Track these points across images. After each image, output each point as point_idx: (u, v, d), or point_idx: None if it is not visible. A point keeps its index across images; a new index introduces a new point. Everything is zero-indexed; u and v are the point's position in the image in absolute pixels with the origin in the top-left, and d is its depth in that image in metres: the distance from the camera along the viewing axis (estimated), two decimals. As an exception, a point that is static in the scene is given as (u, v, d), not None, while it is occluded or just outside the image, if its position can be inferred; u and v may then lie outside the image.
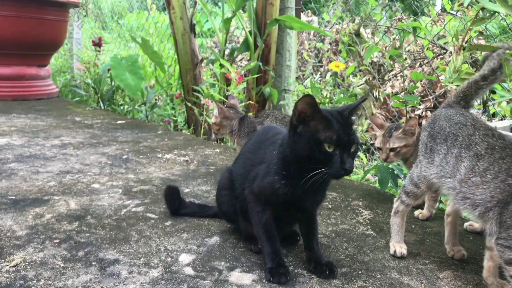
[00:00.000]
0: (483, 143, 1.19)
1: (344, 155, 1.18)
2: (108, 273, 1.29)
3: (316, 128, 1.20)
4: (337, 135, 1.18)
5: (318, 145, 1.18)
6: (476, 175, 1.17)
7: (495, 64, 1.30)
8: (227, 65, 3.32)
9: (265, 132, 1.50)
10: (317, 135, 1.19)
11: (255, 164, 1.40)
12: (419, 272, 1.36)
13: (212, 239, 1.53)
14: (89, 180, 2.10)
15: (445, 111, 1.37)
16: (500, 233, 1.11)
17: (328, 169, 1.18)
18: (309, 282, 1.29)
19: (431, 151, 1.34)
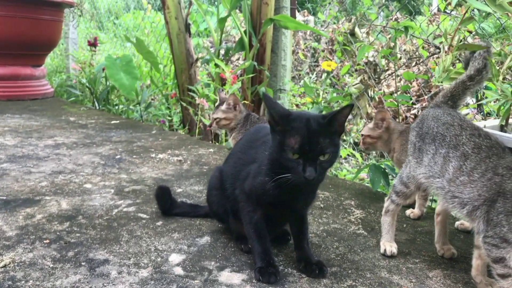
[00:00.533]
0: (470, 142, 1.21)
1: (307, 163, 1.16)
2: (98, 273, 1.29)
3: (284, 133, 1.19)
4: (300, 143, 1.16)
5: (283, 151, 1.18)
6: (464, 174, 1.18)
7: (480, 64, 1.31)
8: (221, 65, 3.31)
9: (257, 132, 1.50)
10: (283, 141, 1.18)
11: (247, 164, 1.40)
12: (409, 271, 1.36)
13: (203, 239, 1.53)
14: (82, 180, 2.09)
15: (433, 111, 1.37)
16: (487, 231, 1.11)
17: (291, 175, 1.18)
18: (298, 281, 1.29)
19: (420, 151, 1.35)
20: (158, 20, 5.94)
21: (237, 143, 1.57)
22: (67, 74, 6.00)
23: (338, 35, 3.95)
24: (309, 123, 1.18)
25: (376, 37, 4.05)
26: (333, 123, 1.19)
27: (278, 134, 1.20)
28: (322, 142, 1.17)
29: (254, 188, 1.31)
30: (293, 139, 1.17)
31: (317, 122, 1.19)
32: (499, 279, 1.11)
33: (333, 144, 1.19)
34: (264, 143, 1.37)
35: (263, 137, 1.41)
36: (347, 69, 3.60)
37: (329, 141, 1.18)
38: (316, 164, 1.17)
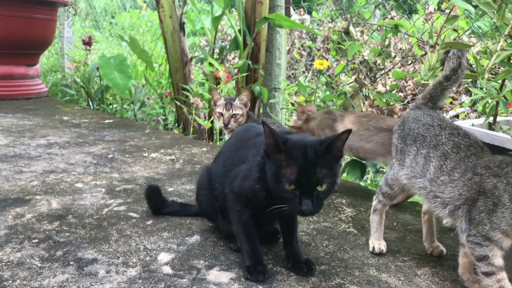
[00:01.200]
0: (449, 142, 1.22)
1: (303, 195, 1.12)
2: (86, 273, 1.29)
3: (280, 162, 1.14)
4: (297, 174, 1.11)
5: (279, 182, 1.14)
6: (444, 174, 1.19)
7: (454, 64, 1.32)
8: (215, 64, 3.31)
9: (246, 131, 1.49)
10: (279, 171, 1.14)
11: (236, 164, 1.38)
12: (397, 269, 1.37)
13: (192, 238, 1.53)
14: (73, 180, 2.09)
15: (413, 113, 1.39)
16: (470, 230, 1.12)
17: (288, 206, 1.15)
18: (287, 280, 1.29)
19: (402, 153, 1.36)
20: (154, 19, 5.94)
21: (227, 141, 1.57)
22: (62, 73, 5.99)
23: (332, 34, 3.95)
24: (306, 152, 1.13)
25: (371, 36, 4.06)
26: (331, 150, 1.15)
27: (274, 162, 1.16)
28: (319, 172, 1.12)
29: (243, 191, 1.30)
30: (290, 169, 1.12)
31: (314, 150, 1.13)
32: (483, 277, 1.12)
33: (331, 173, 1.14)
34: (254, 145, 1.33)
35: (253, 138, 1.39)
36: (341, 68, 3.60)
37: (326, 170, 1.13)
38: (313, 196, 1.13)
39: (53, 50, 6.85)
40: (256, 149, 1.30)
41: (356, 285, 1.27)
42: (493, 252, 1.09)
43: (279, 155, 1.15)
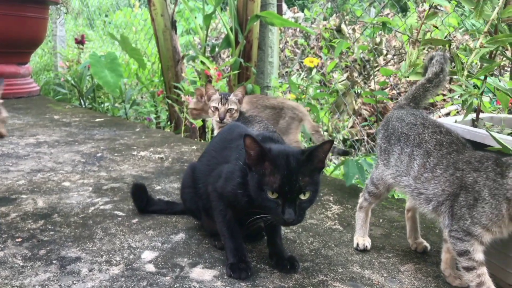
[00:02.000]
0: (432, 140, 1.23)
1: (286, 204, 1.12)
2: (68, 271, 1.28)
3: (263, 171, 1.14)
4: (280, 182, 1.11)
5: (262, 190, 1.13)
6: (428, 171, 1.20)
7: (437, 69, 1.36)
8: (206, 62, 3.30)
9: (230, 131, 1.47)
10: (262, 179, 1.13)
11: (220, 163, 1.37)
12: (381, 266, 1.37)
13: (177, 236, 1.53)
14: (60, 179, 2.08)
15: (397, 113, 1.40)
16: (452, 225, 1.12)
17: (270, 216, 1.15)
18: (270, 277, 1.29)
19: (386, 152, 1.37)
20: (147, 17, 5.91)
21: (212, 141, 1.56)
22: (55, 72, 5.96)
23: (324, 32, 3.95)
24: (289, 161, 1.13)
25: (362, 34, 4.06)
26: (313, 159, 1.15)
27: (257, 172, 1.15)
28: (302, 181, 1.12)
29: (226, 193, 1.29)
30: (273, 178, 1.12)
31: (296, 159, 1.14)
32: (464, 272, 1.13)
33: (313, 182, 1.14)
34: (237, 147, 1.31)
35: (237, 139, 1.36)
36: (333, 66, 3.60)
37: (308, 179, 1.13)
38: (295, 205, 1.12)
39: (46, 49, 6.81)
40: (238, 152, 1.29)
41: (339, 282, 1.27)
42: (473, 247, 1.10)
43: (262, 164, 1.15)
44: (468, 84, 1.06)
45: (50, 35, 6.60)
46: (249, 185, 1.18)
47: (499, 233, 1.10)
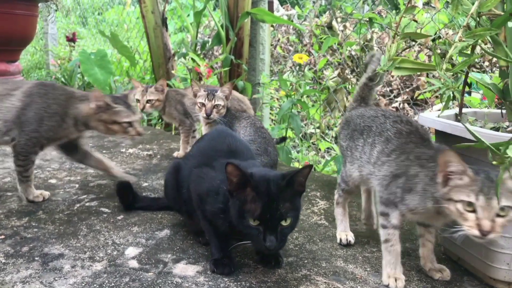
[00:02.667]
0: (392, 128, 1.30)
1: (267, 231, 1.10)
2: (50, 268, 1.27)
3: (245, 197, 1.13)
4: (261, 210, 1.09)
5: (243, 217, 1.12)
6: (385, 155, 1.28)
7: (375, 66, 1.44)
8: (196, 58, 3.29)
9: (219, 137, 1.42)
10: (243, 206, 1.12)
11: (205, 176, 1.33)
12: (364, 260, 1.37)
13: (162, 232, 1.52)
14: (47, 176, 2.07)
15: (355, 111, 1.49)
16: (383, 193, 1.26)
17: (251, 242, 1.14)
18: (253, 272, 1.29)
19: (349, 149, 1.44)
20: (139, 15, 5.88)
21: (199, 143, 1.50)
22: (47, 70, 5.93)
23: (315, 29, 3.95)
24: (269, 187, 1.12)
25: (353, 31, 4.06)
26: (293, 184, 1.14)
27: (238, 198, 1.14)
28: (283, 207, 1.11)
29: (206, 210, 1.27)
30: (254, 205, 1.11)
31: (277, 184, 1.12)
32: (380, 228, 1.27)
33: (294, 207, 1.14)
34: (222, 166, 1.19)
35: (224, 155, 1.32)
36: (324, 63, 3.60)
37: (289, 204, 1.12)
38: (277, 232, 1.11)
39: (38, 47, 6.77)
40: (223, 174, 1.20)
41: (322, 276, 1.27)
42: (393, 214, 1.23)
43: (244, 191, 1.13)
44: (446, 78, 1.06)
45: (41, 32, 6.56)
46: (231, 211, 1.16)
47: (423, 219, 1.24)
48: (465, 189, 1.03)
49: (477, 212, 1.01)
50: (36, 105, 1.69)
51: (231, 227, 1.21)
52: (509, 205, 1.00)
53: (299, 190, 1.17)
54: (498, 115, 1.45)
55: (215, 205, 1.23)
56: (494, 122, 1.39)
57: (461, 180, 1.05)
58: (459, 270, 1.32)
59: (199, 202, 1.30)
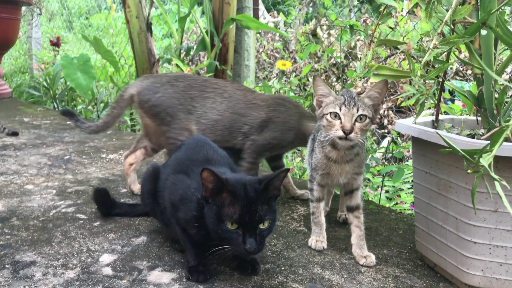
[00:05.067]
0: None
1: (246, 234, 1.11)
2: (21, 276, 1.24)
3: (222, 202, 1.13)
4: (240, 213, 1.10)
5: (221, 221, 1.12)
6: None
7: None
8: (180, 64, 3.28)
9: (196, 146, 1.40)
10: (220, 211, 1.12)
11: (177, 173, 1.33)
12: (342, 267, 1.37)
13: (139, 239, 1.50)
14: (23, 181, 2.02)
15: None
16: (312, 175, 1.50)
17: (231, 246, 1.13)
18: (229, 279, 1.27)
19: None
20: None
21: (176, 153, 1.47)
22: (31, 74, 5.85)
23: (300, 36, 3.97)
24: (247, 191, 1.12)
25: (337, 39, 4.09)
26: (269, 188, 1.15)
27: (215, 204, 1.13)
28: (261, 210, 1.12)
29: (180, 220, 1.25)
30: (232, 208, 1.11)
31: (254, 188, 1.13)
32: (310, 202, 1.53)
33: (271, 210, 1.15)
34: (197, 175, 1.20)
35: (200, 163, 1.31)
36: (308, 69, 3.62)
37: (267, 207, 1.13)
38: (256, 234, 1.11)
39: (21, 51, 6.69)
40: (197, 182, 1.21)
41: (298, 283, 1.26)
42: (314, 187, 1.49)
43: (220, 196, 1.13)
44: (420, 84, 1.07)
45: (26, 37, 6.48)
46: (206, 217, 1.15)
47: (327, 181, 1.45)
48: (331, 104, 1.33)
49: (341, 119, 1.30)
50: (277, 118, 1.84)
51: (206, 235, 1.20)
52: (364, 114, 1.30)
53: (275, 194, 1.18)
54: (474, 122, 1.47)
55: (189, 213, 1.22)
56: (471, 129, 1.40)
57: (328, 99, 1.35)
58: (435, 277, 1.33)
59: (172, 210, 1.29)
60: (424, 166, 1.33)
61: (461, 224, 1.19)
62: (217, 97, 1.82)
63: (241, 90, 1.87)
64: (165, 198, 1.33)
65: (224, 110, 1.81)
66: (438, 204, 1.28)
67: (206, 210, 1.16)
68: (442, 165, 1.24)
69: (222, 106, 1.82)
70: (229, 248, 1.14)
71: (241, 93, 1.86)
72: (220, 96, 1.82)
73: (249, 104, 1.83)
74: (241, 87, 1.91)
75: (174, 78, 1.86)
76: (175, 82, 1.83)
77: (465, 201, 1.16)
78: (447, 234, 1.25)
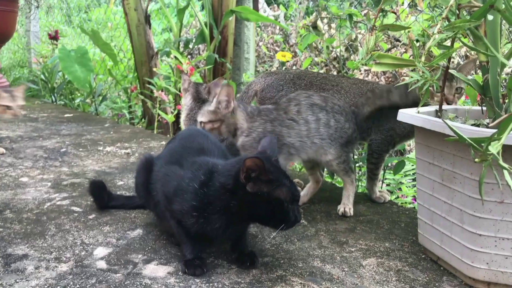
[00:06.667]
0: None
1: (295, 208, 1.15)
2: (12, 269, 1.21)
3: (272, 187, 1.12)
4: (292, 191, 1.14)
5: (279, 204, 1.12)
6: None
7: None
8: (178, 56, 3.23)
9: (190, 137, 1.38)
10: (275, 195, 1.12)
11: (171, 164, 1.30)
12: (342, 260, 1.33)
13: (134, 232, 1.47)
14: (18, 174, 1.99)
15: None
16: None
17: (286, 224, 1.14)
18: (227, 272, 1.23)
19: None
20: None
21: (170, 143, 1.44)
22: (29, 68, 5.80)
23: (300, 29, 3.91)
24: (277, 168, 1.16)
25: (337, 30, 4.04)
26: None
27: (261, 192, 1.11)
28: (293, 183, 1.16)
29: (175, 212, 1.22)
30: (285, 189, 1.13)
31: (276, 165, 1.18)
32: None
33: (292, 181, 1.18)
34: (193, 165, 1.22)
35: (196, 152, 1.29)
36: (308, 62, 3.57)
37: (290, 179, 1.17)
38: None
39: (20, 45, 6.63)
40: (193, 172, 1.20)
41: (298, 277, 1.22)
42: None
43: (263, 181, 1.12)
44: (424, 70, 1.02)
45: (24, 30, 6.43)
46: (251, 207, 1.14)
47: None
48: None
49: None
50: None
51: (203, 226, 1.17)
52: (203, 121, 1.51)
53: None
54: (479, 112, 1.43)
55: (185, 204, 1.18)
56: (475, 119, 1.36)
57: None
58: (438, 270, 1.29)
59: (166, 203, 1.25)
60: (428, 157, 1.29)
61: (465, 216, 1.15)
62: (335, 94, 1.83)
63: (356, 84, 1.86)
64: (158, 191, 1.30)
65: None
66: (442, 195, 1.24)
67: (248, 200, 1.12)
68: (447, 155, 1.20)
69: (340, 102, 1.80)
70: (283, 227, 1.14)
71: (356, 87, 1.85)
72: (338, 93, 1.83)
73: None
74: (355, 80, 1.91)
75: (297, 75, 1.88)
76: (298, 80, 1.86)
77: (470, 192, 1.12)
78: (451, 227, 1.21)
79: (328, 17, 4.09)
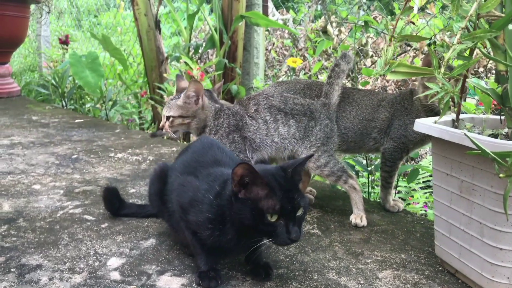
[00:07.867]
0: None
1: (289, 224, 1.09)
2: (27, 280, 1.21)
3: (258, 196, 1.09)
4: (280, 203, 1.08)
5: (261, 216, 1.08)
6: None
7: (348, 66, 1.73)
8: (188, 62, 3.24)
9: (204, 149, 1.35)
10: (258, 205, 1.08)
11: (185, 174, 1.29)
12: (358, 272, 1.31)
13: (147, 242, 1.46)
14: (31, 181, 1.99)
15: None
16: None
17: (274, 239, 1.10)
18: (241, 284, 1.22)
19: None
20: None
21: (183, 155, 1.42)
22: (40, 72, 5.84)
23: (310, 33, 3.91)
24: (280, 178, 1.11)
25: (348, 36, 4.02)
26: (295, 175, 1.14)
27: (248, 199, 1.09)
28: (296, 197, 1.10)
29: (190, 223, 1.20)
30: (271, 200, 1.08)
31: (283, 177, 1.12)
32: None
33: (303, 195, 1.13)
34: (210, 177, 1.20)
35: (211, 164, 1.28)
36: (318, 67, 3.56)
37: (298, 193, 1.11)
38: (296, 222, 1.09)
39: (30, 49, 6.69)
40: (209, 183, 1.19)
41: (313, 290, 1.21)
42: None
43: (254, 190, 1.09)
44: (444, 82, 1.01)
45: (35, 35, 6.48)
46: (238, 215, 1.10)
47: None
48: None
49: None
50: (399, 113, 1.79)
51: (219, 238, 1.16)
52: (171, 115, 1.59)
53: (299, 180, 1.17)
54: (496, 121, 1.40)
55: (201, 215, 1.17)
56: (493, 129, 1.34)
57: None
58: (456, 284, 1.27)
59: (182, 213, 1.24)
60: (445, 168, 1.27)
61: (486, 229, 1.13)
62: (346, 106, 1.83)
63: (366, 96, 1.87)
64: (173, 201, 1.29)
65: (354, 118, 1.82)
66: (460, 207, 1.22)
67: (237, 207, 1.11)
68: (465, 167, 1.18)
69: (352, 114, 1.83)
70: (271, 241, 1.10)
71: (367, 98, 1.85)
72: (349, 105, 1.83)
73: (375, 107, 1.83)
74: (366, 92, 1.91)
75: (308, 85, 1.88)
76: (308, 91, 1.85)
77: (490, 205, 1.10)
78: (471, 239, 1.19)
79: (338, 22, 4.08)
